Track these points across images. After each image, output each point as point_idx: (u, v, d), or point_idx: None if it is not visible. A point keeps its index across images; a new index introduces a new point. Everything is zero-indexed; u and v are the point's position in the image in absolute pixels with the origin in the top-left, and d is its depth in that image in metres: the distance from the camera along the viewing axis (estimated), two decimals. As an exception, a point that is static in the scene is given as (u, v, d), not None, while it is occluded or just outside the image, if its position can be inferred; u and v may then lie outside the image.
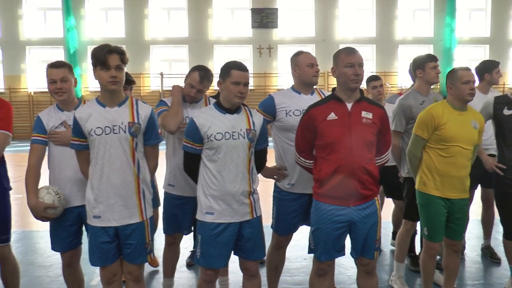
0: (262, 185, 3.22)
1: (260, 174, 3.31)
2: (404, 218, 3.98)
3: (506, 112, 3.75)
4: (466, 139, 3.37)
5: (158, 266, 4.47)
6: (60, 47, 18.90)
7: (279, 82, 19.29)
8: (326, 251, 3.03)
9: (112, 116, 2.86)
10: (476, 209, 5.19)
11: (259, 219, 3.12)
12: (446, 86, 3.47)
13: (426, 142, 3.43)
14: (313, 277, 3.17)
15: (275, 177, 3.50)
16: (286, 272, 4.12)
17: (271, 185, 3.58)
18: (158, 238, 3.91)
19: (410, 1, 19.83)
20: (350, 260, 3.40)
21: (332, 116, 2.95)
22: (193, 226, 3.69)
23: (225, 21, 19.49)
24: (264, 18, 19.21)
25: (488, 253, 4.81)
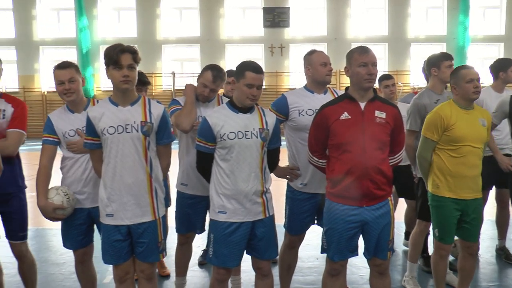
0: (274, 185, 3.21)
1: (273, 174, 3.30)
2: (418, 218, 3.95)
3: (522, 111, 3.70)
4: (476, 138, 3.31)
5: (164, 269, 4.45)
6: (73, 47, 19.05)
7: (291, 81, 19.26)
8: (339, 251, 3.02)
9: (125, 115, 2.87)
10: (491, 210, 5.13)
11: (272, 218, 3.12)
12: (451, 87, 3.42)
13: (436, 144, 3.38)
14: (326, 277, 3.16)
15: (288, 177, 3.49)
16: (298, 272, 4.10)
17: (283, 185, 3.57)
18: (170, 238, 3.91)
19: (423, -1, 19.70)
20: (363, 260, 3.38)
21: (345, 116, 2.93)
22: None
23: (237, 21, 19.50)
24: (276, 17, 19.18)
25: (503, 254, 4.75)
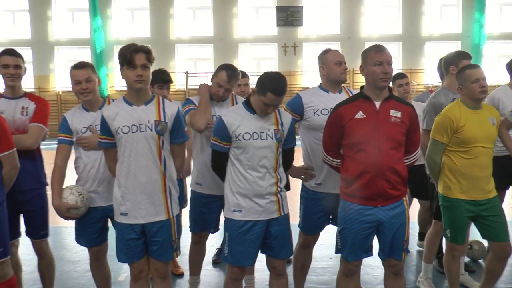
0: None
1: (288, 173, 3.29)
2: (434, 219, 3.91)
3: (540, 110, 3.63)
4: (487, 138, 3.26)
5: (178, 268, 4.46)
6: (87, 47, 19.22)
7: (304, 81, 19.20)
8: (354, 251, 3.00)
9: (139, 115, 2.89)
10: (507, 210, 5.05)
11: (287, 217, 3.12)
12: (457, 87, 3.37)
13: (446, 146, 3.32)
14: (340, 277, 3.14)
15: (302, 177, 3.47)
16: (312, 272, 4.09)
17: (298, 184, 3.56)
18: (184, 236, 3.92)
19: (437, -3, 19.49)
20: (377, 260, 3.36)
21: (360, 115, 2.91)
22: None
23: (250, 20, 19.50)
24: (289, 16, 19.13)
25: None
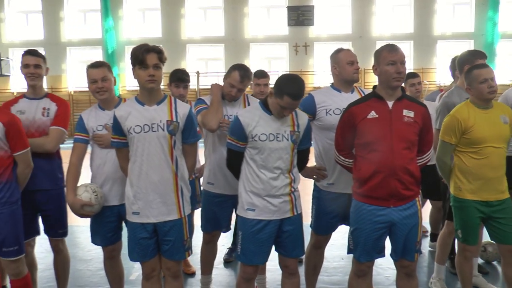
0: (300, 184, 3.19)
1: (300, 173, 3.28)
2: (447, 219, 3.87)
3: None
4: (498, 137, 3.20)
5: (189, 267, 4.48)
6: (99, 48, 19.38)
7: (315, 80, 19.16)
8: (366, 252, 2.98)
9: (151, 115, 2.90)
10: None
11: (300, 217, 3.12)
12: (466, 88, 3.33)
13: (455, 147, 3.28)
14: (352, 278, 3.13)
15: (314, 177, 3.46)
16: (324, 272, 4.08)
17: (310, 184, 3.55)
18: (196, 236, 3.93)
19: (450, -5, 19.33)
20: (388, 261, 3.34)
21: (373, 115, 2.89)
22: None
23: (261, 19, 19.51)
24: (300, 16, 19.11)
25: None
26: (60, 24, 19.67)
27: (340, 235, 4.32)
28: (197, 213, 3.84)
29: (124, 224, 3.32)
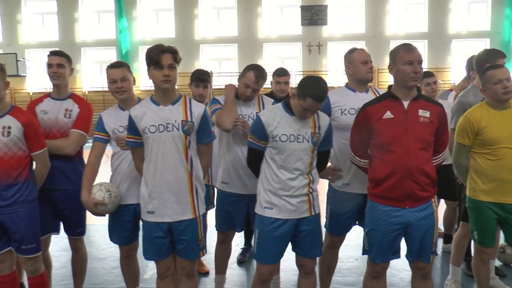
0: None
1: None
2: (462, 220, 3.82)
3: None
4: None
5: (203, 267, 4.50)
6: (113, 48, 19.49)
7: (329, 80, 19.04)
8: (381, 253, 2.97)
9: (166, 115, 2.91)
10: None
11: (317, 217, 3.12)
12: (480, 89, 3.29)
13: (470, 148, 3.26)
14: (367, 279, 3.12)
15: (329, 177, 3.45)
16: (338, 273, 4.06)
17: (324, 185, 3.53)
18: (210, 235, 3.94)
19: (465, -7, 19.09)
20: (403, 262, 3.32)
21: (388, 115, 2.87)
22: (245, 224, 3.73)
23: (275, 19, 19.47)
24: (314, 15, 19.04)
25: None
26: (75, 25, 19.85)
27: (354, 236, 4.30)
28: (212, 213, 3.85)
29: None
